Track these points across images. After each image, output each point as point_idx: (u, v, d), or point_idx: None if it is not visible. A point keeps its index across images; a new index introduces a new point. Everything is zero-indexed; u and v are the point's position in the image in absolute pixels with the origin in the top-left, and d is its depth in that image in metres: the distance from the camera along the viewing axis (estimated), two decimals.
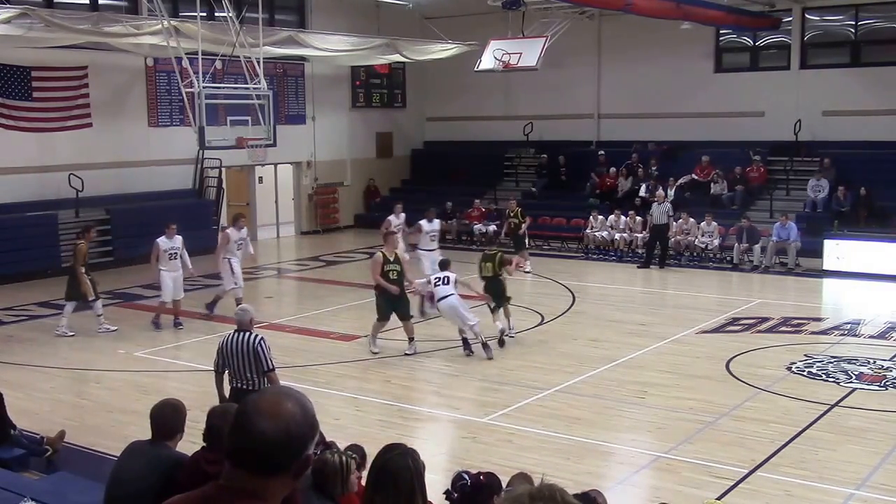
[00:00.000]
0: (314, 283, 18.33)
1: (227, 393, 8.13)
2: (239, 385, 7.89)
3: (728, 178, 22.18)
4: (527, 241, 19.80)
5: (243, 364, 7.86)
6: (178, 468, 5.04)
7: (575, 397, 10.65)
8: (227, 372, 8.09)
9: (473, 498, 5.32)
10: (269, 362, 7.90)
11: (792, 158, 22.13)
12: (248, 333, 7.94)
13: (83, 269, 13.86)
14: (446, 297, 12.28)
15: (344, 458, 4.70)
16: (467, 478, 5.19)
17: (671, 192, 22.02)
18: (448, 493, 5.08)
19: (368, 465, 4.62)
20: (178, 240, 14.59)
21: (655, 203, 19.72)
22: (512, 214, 19.47)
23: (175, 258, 14.50)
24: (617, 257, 20.84)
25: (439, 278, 12.51)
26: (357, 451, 5.58)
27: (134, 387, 11.18)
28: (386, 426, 9.53)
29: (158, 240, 14.61)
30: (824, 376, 11.27)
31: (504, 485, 5.54)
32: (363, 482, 5.18)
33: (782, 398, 10.42)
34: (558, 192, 24.60)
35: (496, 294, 13.36)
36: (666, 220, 19.35)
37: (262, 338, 8.00)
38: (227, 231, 15.55)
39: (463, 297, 12.66)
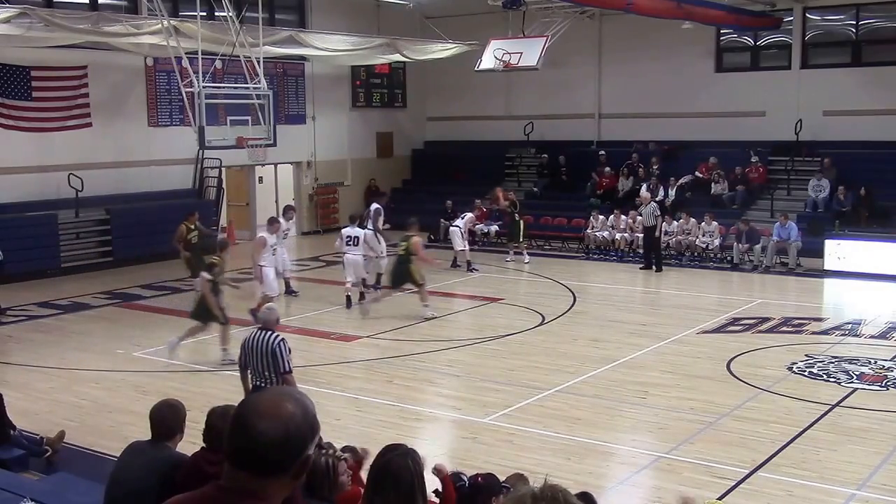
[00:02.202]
0: (314, 283, 18.30)
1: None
2: (259, 383, 7.89)
3: (729, 178, 22.17)
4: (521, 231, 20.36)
5: (262, 363, 7.88)
6: (178, 469, 5.03)
7: (576, 397, 10.63)
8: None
9: (472, 499, 5.30)
10: (287, 364, 7.91)
11: (793, 158, 22.10)
12: (270, 333, 7.96)
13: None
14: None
15: (331, 459, 4.68)
16: (465, 479, 5.17)
17: (671, 192, 22.03)
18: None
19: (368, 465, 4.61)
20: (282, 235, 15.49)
21: (641, 205, 19.68)
22: (507, 204, 20.42)
23: (276, 253, 15.16)
24: (618, 257, 20.81)
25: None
26: (351, 451, 5.56)
27: (133, 387, 11.16)
28: (386, 426, 9.51)
29: (263, 234, 15.15)
30: (825, 376, 11.25)
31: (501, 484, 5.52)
32: (363, 482, 5.18)
33: (783, 398, 10.40)
34: (559, 192, 24.60)
35: (397, 275, 14.72)
36: (653, 221, 19.23)
37: (283, 338, 8.03)
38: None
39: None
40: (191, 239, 16.95)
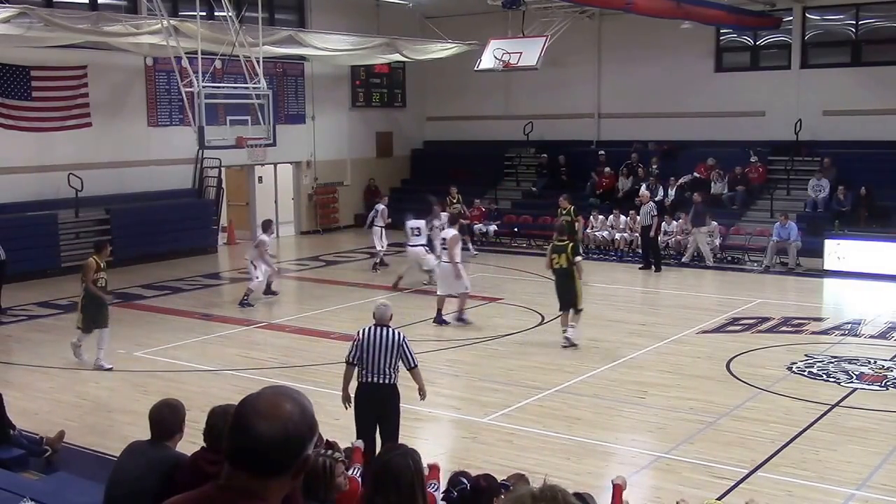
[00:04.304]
0: (314, 283, 18.31)
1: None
2: (372, 379, 7.85)
3: (728, 178, 22.17)
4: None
5: (382, 358, 7.83)
6: (178, 468, 5.02)
7: (575, 397, 10.63)
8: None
9: (474, 501, 5.30)
10: (414, 359, 8.00)
11: (792, 158, 22.11)
12: (389, 329, 7.95)
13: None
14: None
15: (328, 460, 4.68)
16: (466, 481, 5.17)
17: (671, 192, 22.02)
18: (447, 494, 5.07)
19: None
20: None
21: (642, 204, 19.70)
22: (564, 212, 18.18)
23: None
24: (617, 257, 20.81)
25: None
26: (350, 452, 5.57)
27: (133, 387, 11.15)
28: None
29: (263, 237, 15.30)
30: (825, 376, 11.25)
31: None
32: (359, 482, 5.18)
33: (783, 398, 10.40)
34: (559, 191, 24.49)
35: (566, 291, 12.75)
36: (649, 220, 19.21)
37: (405, 335, 8.06)
38: (263, 237, 16.14)
39: None
40: (98, 280, 11.98)
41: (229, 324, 14.67)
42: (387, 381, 7.87)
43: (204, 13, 18.09)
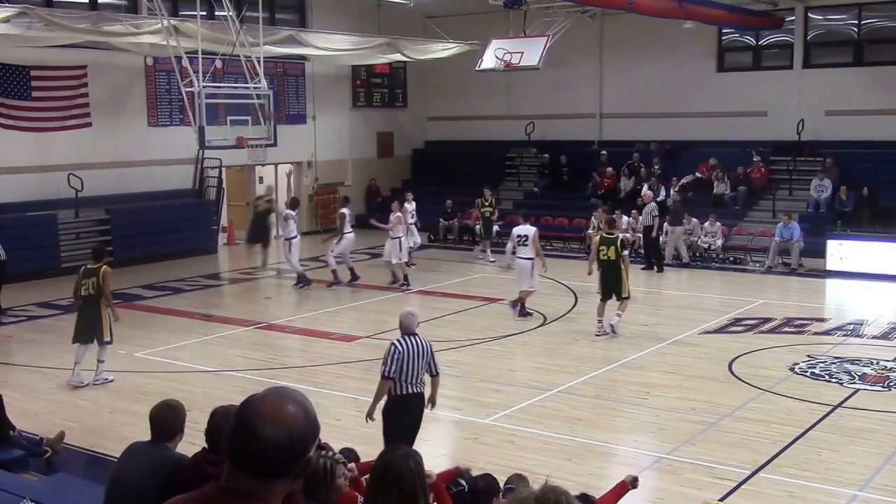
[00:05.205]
0: (315, 283, 18.27)
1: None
2: (410, 390, 7.71)
3: (730, 178, 22.12)
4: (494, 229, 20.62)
5: (418, 367, 7.71)
6: (178, 469, 5.00)
7: (577, 398, 10.60)
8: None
9: (472, 501, 5.28)
10: (437, 366, 7.93)
11: (795, 158, 22.07)
12: (419, 337, 7.81)
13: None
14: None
15: (328, 462, 4.66)
16: (465, 483, 5.15)
17: (673, 192, 21.95)
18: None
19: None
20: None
21: (644, 204, 19.68)
22: (487, 203, 20.47)
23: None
24: None
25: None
26: (349, 453, 5.54)
27: (134, 388, 11.12)
28: None
29: (536, 229, 14.99)
30: (827, 377, 11.22)
31: (501, 485, 5.50)
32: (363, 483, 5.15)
33: (785, 399, 10.37)
34: (560, 192, 24.57)
35: (611, 283, 13.33)
36: (651, 220, 19.19)
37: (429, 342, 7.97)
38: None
39: None
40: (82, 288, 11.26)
41: (230, 324, 14.64)
42: (423, 390, 7.83)
43: (204, 13, 18.06)
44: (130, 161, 20.61)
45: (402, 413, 7.73)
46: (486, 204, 20.57)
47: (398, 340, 7.75)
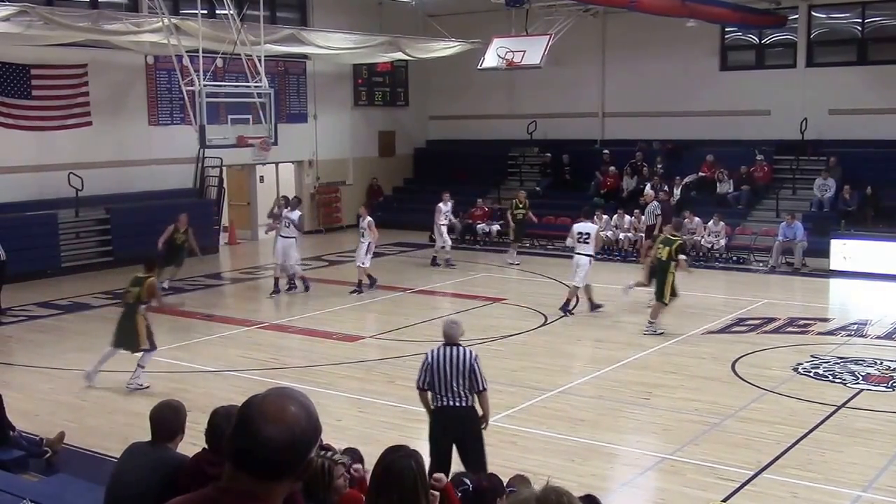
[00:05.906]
0: (316, 282, 18.22)
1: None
2: (447, 403, 7.29)
3: (733, 178, 22.07)
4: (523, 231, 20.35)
5: (454, 379, 7.24)
6: (179, 470, 4.97)
7: (579, 398, 10.56)
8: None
9: (476, 501, 5.23)
10: (484, 381, 7.35)
11: (798, 157, 22.02)
12: (460, 348, 7.38)
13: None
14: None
15: (327, 462, 4.63)
16: (468, 483, 5.10)
17: (676, 192, 21.92)
18: None
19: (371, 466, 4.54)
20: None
21: (645, 203, 19.60)
22: (521, 206, 19.90)
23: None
24: (621, 257, 20.71)
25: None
26: (353, 453, 5.50)
27: (134, 388, 11.06)
28: (389, 427, 9.44)
29: (597, 227, 15.42)
30: (831, 377, 11.17)
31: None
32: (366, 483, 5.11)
33: (788, 399, 10.32)
34: (562, 191, 24.50)
35: (657, 283, 13.64)
36: (653, 220, 19.11)
37: (476, 354, 7.45)
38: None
39: None
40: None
41: (231, 324, 14.61)
42: (463, 404, 7.28)
43: (205, 11, 18.00)
44: (131, 160, 20.57)
45: (439, 427, 7.34)
46: (521, 206, 19.88)
47: (432, 350, 7.42)
